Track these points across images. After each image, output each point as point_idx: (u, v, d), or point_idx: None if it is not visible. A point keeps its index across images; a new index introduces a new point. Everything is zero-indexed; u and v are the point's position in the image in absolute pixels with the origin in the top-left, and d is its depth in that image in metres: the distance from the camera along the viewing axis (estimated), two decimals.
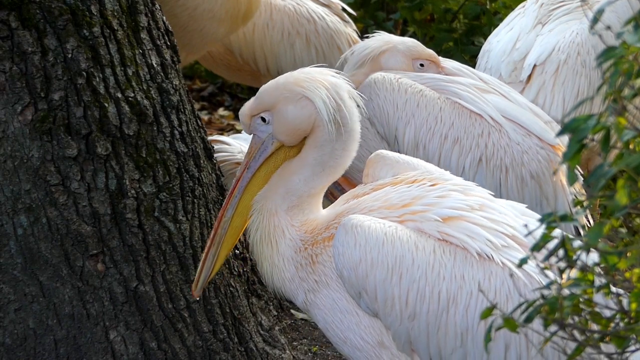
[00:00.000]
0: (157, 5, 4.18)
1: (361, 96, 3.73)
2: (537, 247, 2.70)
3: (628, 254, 2.63)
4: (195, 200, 4.14)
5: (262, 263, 3.64)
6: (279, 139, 3.64)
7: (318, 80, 3.63)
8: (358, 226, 3.50)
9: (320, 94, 3.61)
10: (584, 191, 4.75)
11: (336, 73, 3.69)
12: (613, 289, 2.72)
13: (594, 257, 2.74)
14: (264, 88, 3.66)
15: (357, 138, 3.70)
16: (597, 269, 2.67)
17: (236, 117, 8.56)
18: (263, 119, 3.64)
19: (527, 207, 3.71)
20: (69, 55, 3.94)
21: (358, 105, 3.68)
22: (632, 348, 2.66)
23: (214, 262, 3.62)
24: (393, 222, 3.54)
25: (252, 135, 3.68)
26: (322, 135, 3.63)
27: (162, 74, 4.13)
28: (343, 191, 4.27)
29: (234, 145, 5.20)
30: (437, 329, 3.46)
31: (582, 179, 4.87)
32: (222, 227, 3.63)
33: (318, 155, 3.64)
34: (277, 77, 3.67)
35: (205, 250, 3.61)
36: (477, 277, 3.48)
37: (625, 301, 2.73)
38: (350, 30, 6.59)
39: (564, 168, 4.66)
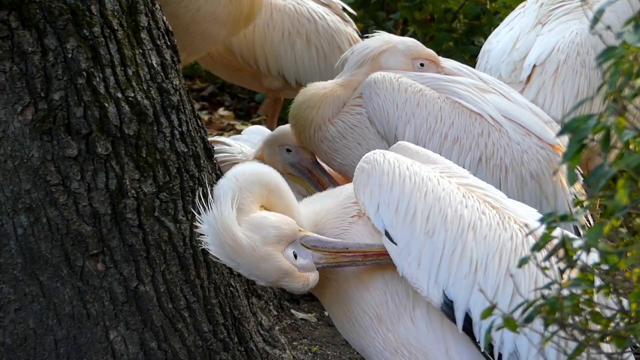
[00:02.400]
0: (157, 5, 4.19)
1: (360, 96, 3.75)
2: (537, 247, 2.70)
3: (628, 254, 2.63)
4: (195, 200, 4.14)
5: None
6: (295, 230, 3.59)
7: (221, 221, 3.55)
8: (382, 159, 3.55)
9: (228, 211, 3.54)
10: (584, 191, 4.75)
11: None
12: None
13: (594, 257, 2.74)
14: (264, 277, 3.55)
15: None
16: (597, 269, 2.67)
17: (236, 117, 8.56)
18: (295, 255, 3.60)
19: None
20: (69, 55, 3.94)
21: None
22: None
23: None
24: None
25: (310, 261, 3.61)
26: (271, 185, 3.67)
27: (162, 74, 4.13)
28: None
29: (234, 146, 5.20)
30: (452, 251, 3.48)
31: (582, 179, 4.87)
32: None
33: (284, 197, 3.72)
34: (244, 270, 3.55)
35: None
36: (496, 217, 3.52)
37: (625, 301, 2.73)
38: (350, 29, 6.59)
39: (564, 168, 4.66)
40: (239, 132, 7.71)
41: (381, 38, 4.90)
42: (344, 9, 6.62)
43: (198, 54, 6.27)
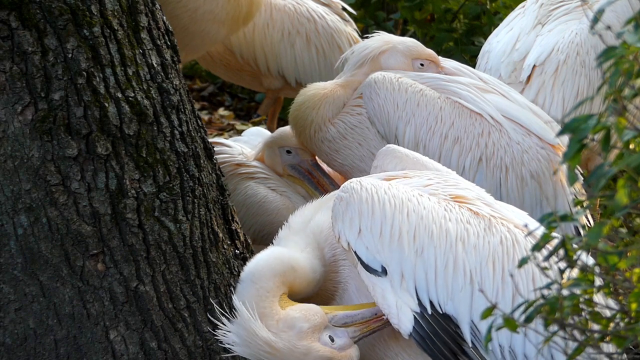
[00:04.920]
0: (157, 5, 4.18)
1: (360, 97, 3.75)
2: (537, 247, 2.70)
3: (628, 254, 2.63)
4: (195, 200, 4.14)
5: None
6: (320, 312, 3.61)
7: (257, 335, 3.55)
8: (360, 182, 3.55)
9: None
10: (584, 191, 4.75)
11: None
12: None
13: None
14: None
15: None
16: (597, 269, 2.67)
17: (236, 117, 8.56)
18: (330, 338, 3.58)
19: (527, 206, 3.73)
20: (69, 55, 3.94)
21: None
22: None
23: None
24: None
25: (346, 338, 3.59)
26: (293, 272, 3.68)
27: (162, 74, 4.13)
28: None
29: (234, 147, 5.20)
30: (444, 266, 3.46)
31: (582, 178, 4.87)
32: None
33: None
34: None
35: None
36: (483, 224, 3.51)
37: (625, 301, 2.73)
38: (350, 29, 6.59)
39: (564, 168, 4.66)
40: (239, 132, 7.72)
41: (381, 38, 4.90)
42: (344, 9, 6.62)
43: (197, 54, 6.27)
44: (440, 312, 3.44)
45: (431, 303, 3.44)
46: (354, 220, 3.52)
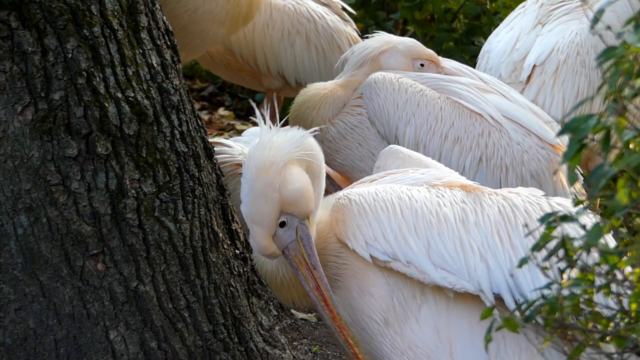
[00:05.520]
0: (157, 5, 4.19)
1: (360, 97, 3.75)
2: (537, 247, 2.70)
3: (628, 254, 2.63)
4: (195, 200, 4.14)
5: (294, 297, 3.68)
6: (310, 210, 3.57)
7: (276, 147, 3.55)
8: (353, 194, 3.56)
9: (289, 149, 3.55)
10: (584, 191, 4.75)
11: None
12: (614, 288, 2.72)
13: (594, 257, 2.74)
14: (248, 209, 3.53)
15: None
16: (598, 269, 2.67)
17: (236, 117, 8.56)
18: (283, 223, 3.56)
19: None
20: (69, 55, 3.94)
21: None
22: None
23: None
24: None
25: (286, 252, 3.58)
26: (317, 168, 3.62)
27: (162, 74, 4.13)
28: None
29: (235, 147, 5.20)
30: (454, 251, 3.49)
31: (582, 178, 4.87)
32: (346, 328, 3.58)
33: (318, 187, 3.65)
34: (244, 187, 3.53)
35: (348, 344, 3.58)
36: (477, 200, 3.55)
37: (625, 301, 2.73)
38: (350, 29, 6.59)
39: (564, 168, 4.66)
40: (239, 132, 7.72)
41: (381, 38, 4.90)
42: (344, 9, 6.62)
43: (197, 54, 6.27)
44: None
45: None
46: (357, 235, 3.55)
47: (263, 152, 3.52)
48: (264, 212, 3.52)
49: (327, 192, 4.27)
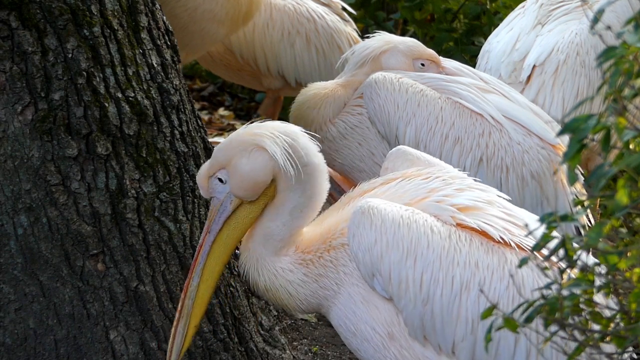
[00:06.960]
0: (157, 5, 4.19)
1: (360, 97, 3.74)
2: (537, 247, 2.70)
3: (628, 254, 2.63)
4: (195, 200, 4.14)
5: (283, 303, 3.67)
6: (238, 195, 3.62)
7: (267, 127, 3.61)
8: (374, 208, 3.50)
9: (271, 136, 3.58)
10: (584, 191, 4.75)
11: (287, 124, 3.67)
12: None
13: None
14: (217, 147, 3.65)
15: (323, 170, 3.68)
16: (598, 269, 2.67)
17: (237, 117, 8.56)
18: (220, 180, 3.62)
19: (528, 206, 3.72)
20: (69, 55, 3.94)
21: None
22: None
23: (185, 335, 3.63)
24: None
25: (210, 198, 3.66)
26: (287, 178, 3.61)
27: (162, 74, 4.13)
28: (342, 192, 4.27)
29: None
30: (450, 314, 3.45)
31: (582, 178, 4.87)
32: (190, 297, 3.63)
33: (293, 198, 3.63)
34: (231, 135, 3.67)
35: (175, 323, 3.62)
36: (492, 265, 3.48)
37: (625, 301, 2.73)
38: (350, 29, 6.59)
39: (564, 168, 4.66)
40: None
41: (382, 38, 4.90)
42: (344, 9, 6.62)
43: (197, 53, 6.27)
44: None
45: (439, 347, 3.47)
46: (367, 261, 3.52)
47: (264, 124, 3.62)
48: (218, 156, 3.62)
49: (331, 197, 4.27)
